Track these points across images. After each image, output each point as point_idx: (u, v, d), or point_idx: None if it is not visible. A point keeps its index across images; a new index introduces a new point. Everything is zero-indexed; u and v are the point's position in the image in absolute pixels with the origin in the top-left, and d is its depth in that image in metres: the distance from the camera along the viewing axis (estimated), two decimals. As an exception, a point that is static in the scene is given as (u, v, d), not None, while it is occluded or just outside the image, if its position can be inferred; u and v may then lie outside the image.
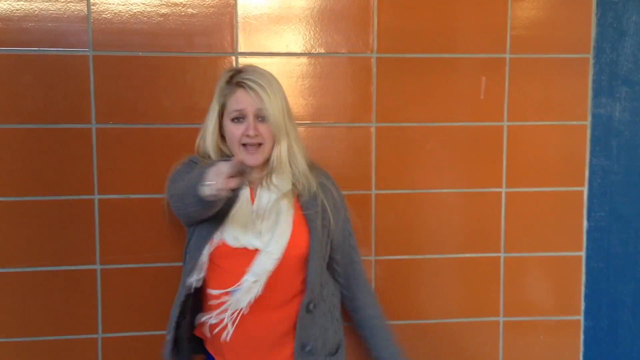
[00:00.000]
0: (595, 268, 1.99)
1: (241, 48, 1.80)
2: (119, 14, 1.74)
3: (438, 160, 1.91)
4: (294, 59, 1.83)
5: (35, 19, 1.71)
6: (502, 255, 1.95)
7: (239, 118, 1.44)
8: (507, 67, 1.90)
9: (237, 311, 1.41)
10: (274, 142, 1.46)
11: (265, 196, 1.46)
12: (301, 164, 1.51)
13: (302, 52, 1.83)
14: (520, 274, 1.96)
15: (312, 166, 1.58)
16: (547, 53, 1.92)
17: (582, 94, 1.94)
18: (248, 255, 1.42)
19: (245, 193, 1.46)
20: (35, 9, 1.71)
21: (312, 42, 1.83)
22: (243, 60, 1.80)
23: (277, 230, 1.42)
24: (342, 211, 1.58)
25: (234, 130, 1.44)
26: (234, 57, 1.79)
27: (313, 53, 1.83)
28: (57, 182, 1.74)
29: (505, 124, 1.92)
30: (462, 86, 1.90)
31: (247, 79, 1.43)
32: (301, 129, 1.83)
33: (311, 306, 1.48)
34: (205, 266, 1.43)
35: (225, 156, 1.50)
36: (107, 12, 1.73)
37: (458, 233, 1.94)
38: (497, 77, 1.90)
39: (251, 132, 1.42)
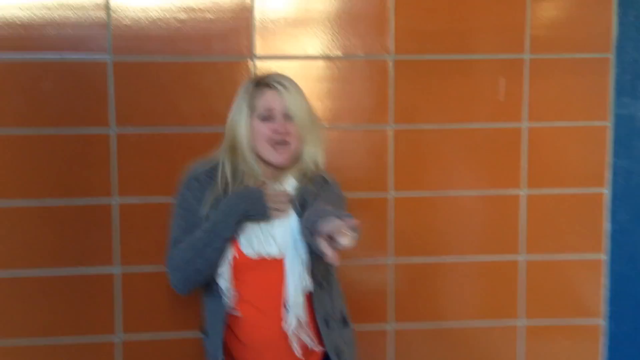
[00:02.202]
0: (618, 271, 1.95)
1: (258, 52, 1.80)
2: (137, 21, 1.76)
3: (456, 162, 1.90)
4: (311, 62, 1.83)
5: (56, 25, 1.74)
6: (521, 258, 1.93)
7: (267, 117, 1.46)
8: (526, 68, 1.88)
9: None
10: (301, 142, 1.48)
11: None
12: (320, 168, 1.54)
13: (320, 55, 1.83)
14: (541, 277, 1.93)
15: (321, 171, 1.57)
16: (567, 53, 1.89)
17: (603, 94, 1.91)
18: (271, 265, 1.44)
19: None
20: (56, 16, 1.74)
21: (329, 45, 1.83)
22: (260, 64, 1.81)
23: (293, 233, 1.44)
24: (324, 196, 1.51)
25: (263, 129, 1.45)
26: (251, 61, 1.80)
27: (330, 56, 1.83)
28: (77, 186, 1.77)
29: (525, 125, 1.90)
30: (480, 87, 1.88)
31: (274, 80, 1.47)
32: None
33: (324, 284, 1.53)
34: (231, 286, 1.44)
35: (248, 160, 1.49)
36: (126, 19, 1.76)
37: (477, 235, 1.92)
38: (516, 77, 1.88)
39: (280, 130, 1.44)
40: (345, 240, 1.14)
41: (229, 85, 1.79)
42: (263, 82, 1.48)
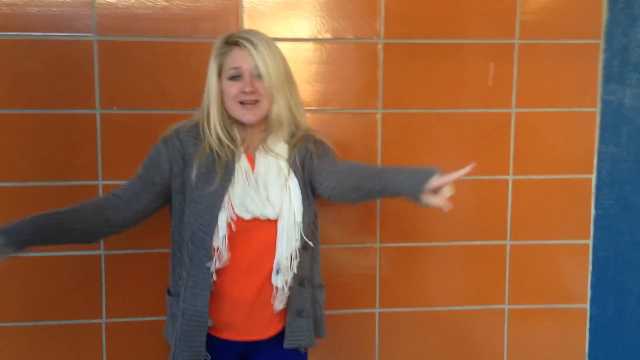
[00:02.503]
0: (603, 256, 1.98)
1: (246, 33, 1.78)
2: (123, -1, 1.73)
3: (445, 147, 1.90)
4: (300, 45, 1.81)
5: (40, 3, 1.70)
6: (508, 242, 1.94)
7: (236, 76, 1.43)
8: (515, 53, 1.88)
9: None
10: (272, 102, 1.45)
11: (263, 162, 1.47)
12: (303, 127, 1.52)
13: (308, 37, 1.81)
14: (527, 262, 1.95)
15: (308, 133, 1.55)
16: (556, 39, 1.89)
17: (592, 80, 1.91)
18: (263, 225, 1.43)
19: (243, 161, 1.46)
20: (40, -7, 1.70)
21: (318, 28, 1.81)
22: (248, 46, 1.78)
23: (289, 196, 1.45)
24: (318, 156, 1.52)
25: (231, 88, 1.43)
26: (239, 43, 1.78)
27: (319, 39, 1.81)
28: (61, 168, 1.75)
29: (514, 110, 1.90)
30: (470, 72, 1.87)
31: (243, 37, 1.43)
32: (307, 115, 1.82)
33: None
34: (225, 245, 1.42)
35: (228, 119, 1.47)
36: (111, -3, 1.73)
37: (464, 221, 1.93)
38: (506, 63, 1.88)
39: (247, 89, 1.41)
40: (450, 191, 1.35)
41: (216, 66, 1.77)
42: (231, 40, 1.45)
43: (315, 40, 1.82)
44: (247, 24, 1.78)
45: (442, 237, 1.92)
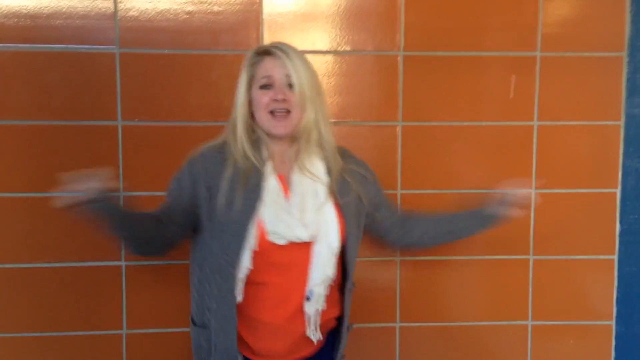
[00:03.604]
0: (628, 272, 1.93)
1: (267, 45, 1.79)
2: (145, 12, 1.74)
3: (465, 160, 1.88)
4: (319, 57, 1.81)
5: (63, 16, 1.72)
6: (531, 257, 1.91)
7: (267, 85, 1.39)
8: (537, 66, 1.86)
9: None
10: (302, 113, 1.40)
11: (300, 183, 1.40)
12: (329, 142, 1.45)
13: (328, 50, 1.81)
14: (550, 277, 1.92)
15: (339, 148, 1.52)
16: (579, 51, 1.87)
17: (615, 93, 1.89)
18: (296, 250, 1.37)
19: (271, 181, 1.39)
20: (63, 6, 1.72)
21: (338, 40, 1.81)
22: (269, 58, 1.78)
23: (325, 220, 1.39)
24: (374, 185, 1.55)
25: (262, 97, 1.38)
26: (259, 55, 1.78)
27: (339, 51, 1.81)
28: (84, 179, 1.75)
29: (536, 123, 1.87)
30: (490, 85, 1.86)
31: (275, 46, 1.40)
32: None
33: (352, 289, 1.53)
34: (246, 271, 1.37)
35: (254, 134, 1.43)
36: (133, 10, 1.74)
37: (486, 234, 1.88)
38: (528, 75, 1.86)
39: (279, 96, 1.37)
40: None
41: (237, 78, 1.75)
42: (263, 50, 1.42)
43: (335, 52, 1.81)
44: (267, 37, 1.78)
45: (464, 251, 1.89)
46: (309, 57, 1.76)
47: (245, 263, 1.35)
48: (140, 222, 1.37)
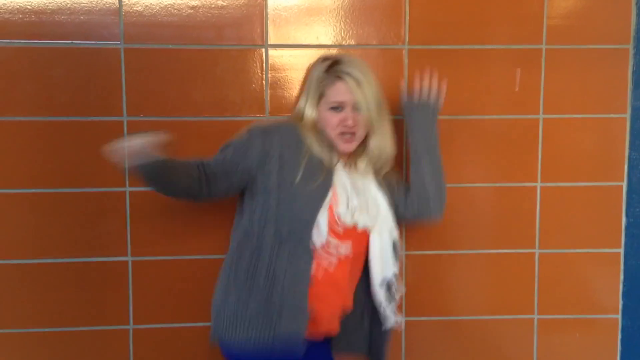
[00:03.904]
0: (634, 265, 1.93)
1: (271, 40, 1.78)
2: (149, 7, 1.74)
3: (471, 153, 1.88)
4: (324, 51, 1.80)
5: (68, 12, 1.72)
6: (537, 251, 1.91)
7: (337, 108, 1.53)
8: (543, 59, 1.85)
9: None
10: (367, 131, 1.57)
11: (354, 176, 1.58)
12: (387, 158, 1.63)
13: (333, 44, 1.81)
14: (556, 271, 1.91)
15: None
16: (584, 44, 1.86)
17: (621, 85, 1.88)
18: (355, 234, 1.53)
19: (343, 176, 1.55)
20: (68, 2, 1.72)
21: (342, 34, 1.81)
22: (273, 53, 1.78)
23: (382, 208, 1.58)
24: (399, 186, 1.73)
25: (332, 119, 1.53)
26: (264, 50, 1.78)
27: (344, 45, 1.81)
28: (89, 175, 1.76)
29: (541, 116, 1.87)
30: (496, 78, 1.85)
31: (346, 72, 1.53)
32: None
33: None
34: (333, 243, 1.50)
35: (324, 140, 1.57)
36: (138, 5, 1.74)
37: (491, 228, 1.90)
38: (533, 68, 1.85)
39: (349, 122, 1.52)
40: None
41: (242, 73, 1.77)
42: (335, 73, 1.54)
43: (339, 46, 1.81)
44: (272, 31, 1.78)
45: (470, 245, 1.89)
46: (314, 51, 1.80)
47: (324, 231, 1.47)
48: (178, 177, 1.46)
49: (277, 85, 1.78)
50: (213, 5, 1.76)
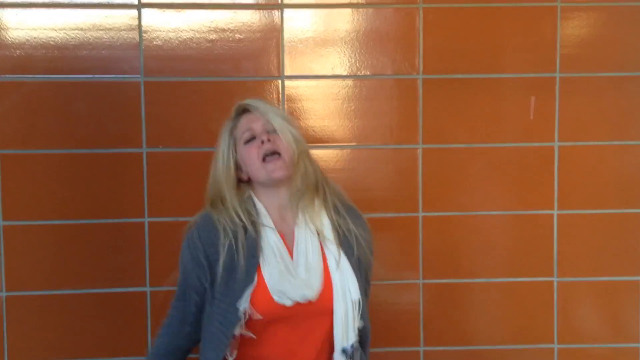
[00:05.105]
0: (655, 293, 1.91)
1: (287, 71, 1.81)
2: (169, 41, 1.78)
3: (486, 182, 1.88)
4: (339, 82, 1.83)
5: (90, 47, 1.77)
6: (555, 279, 1.89)
7: (251, 139, 1.39)
8: (557, 87, 1.86)
9: None
10: (293, 158, 1.38)
11: (303, 238, 1.36)
12: (327, 187, 1.43)
13: (348, 74, 1.83)
14: (576, 300, 1.89)
15: (346, 202, 1.47)
16: (599, 72, 1.87)
17: (637, 112, 1.88)
18: (303, 309, 1.31)
19: (272, 239, 1.35)
20: (90, 37, 1.76)
21: (357, 64, 1.83)
22: (289, 84, 1.81)
23: (345, 276, 1.35)
24: (368, 251, 1.47)
25: (251, 150, 1.38)
26: (280, 81, 1.81)
27: (359, 75, 1.83)
28: (109, 205, 1.79)
29: (557, 144, 1.87)
30: (510, 106, 1.86)
31: (247, 103, 1.43)
32: (347, 151, 1.84)
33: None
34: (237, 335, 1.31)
35: (243, 194, 1.41)
36: (157, 39, 1.78)
37: (508, 256, 1.89)
38: (547, 96, 1.86)
39: (264, 137, 1.36)
40: None
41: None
42: (235, 114, 1.44)
43: (354, 77, 1.83)
44: (288, 62, 1.81)
45: (487, 274, 1.88)
46: (330, 81, 1.83)
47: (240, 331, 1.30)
48: None
49: (293, 115, 1.81)
50: (230, 39, 1.80)
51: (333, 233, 1.38)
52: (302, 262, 1.34)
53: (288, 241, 1.37)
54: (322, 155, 1.81)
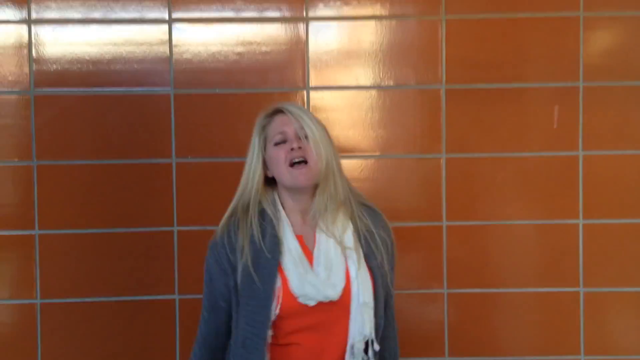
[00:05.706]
0: (683, 304, 1.88)
1: (312, 83, 1.85)
2: (198, 54, 1.84)
3: (510, 191, 1.88)
4: (363, 92, 1.86)
5: (123, 61, 1.83)
6: (581, 290, 1.88)
7: (282, 141, 1.39)
8: (580, 96, 1.86)
9: None
10: (321, 166, 1.37)
11: (324, 241, 1.38)
12: (349, 195, 1.43)
13: (372, 85, 1.86)
14: (602, 310, 1.88)
15: (370, 206, 1.48)
16: (622, 80, 1.87)
17: (662, 121, 1.87)
18: (327, 309, 1.34)
19: (292, 243, 1.37)
20: (123, 52, 1.83)
21: (381, 75, 1.86)
22: (314, 95, 1.85)
23: (360, 276, 1.36)
24: (392, 257, 1.48)
25: (279, 152, 1.38)
26: (305, 92, 1.85)
27: (382, 86, 1.86)
28: (139, 214, 1.83)
29: (581, 153, 1.87)
30: (534, 116, 1.87)
31: (283, 105, 1.42)
32: (371, 161, 1.86)
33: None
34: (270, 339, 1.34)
35: (267, 200, 1.41)
36: (187, 53, 1.84)
37: (533, 266, 1.88)
38: (571, 105, 1.87)
39: (295, 145, 1.36)
40: None
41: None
42: (272, 111, 1.44)
43: (378, 87, 1.86)
44: (313, 74, 1.85)
45: (511, 284, 1.88)
46: (354, 92, 1.86)
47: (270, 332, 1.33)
48: None
49: (318, 126, 1.84)
50: (257, 52, 1.84)
51: (354, 236, 1.40)
52: (323, 262, 1.36)
53: (308, 244, 1.39)
54: (346, 165, 1.80)
